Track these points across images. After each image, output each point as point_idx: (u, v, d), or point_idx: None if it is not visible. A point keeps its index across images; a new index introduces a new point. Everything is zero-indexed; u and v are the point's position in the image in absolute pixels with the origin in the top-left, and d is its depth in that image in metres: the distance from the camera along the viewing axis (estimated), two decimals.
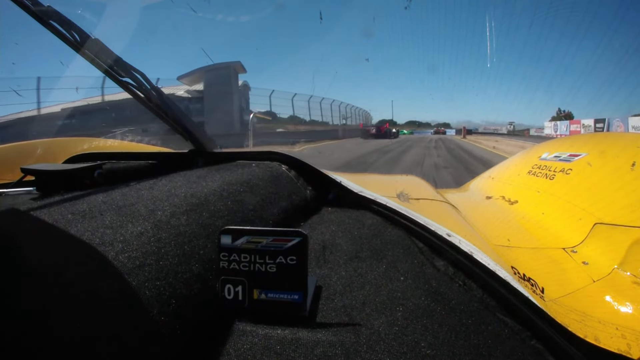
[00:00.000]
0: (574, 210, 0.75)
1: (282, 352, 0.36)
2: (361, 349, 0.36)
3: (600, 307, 0.53)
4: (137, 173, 0.92)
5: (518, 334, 0.42)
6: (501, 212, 0.92)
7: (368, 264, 0.53)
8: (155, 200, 0.53)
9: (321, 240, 0.60)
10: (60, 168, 0.80)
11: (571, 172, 0.88)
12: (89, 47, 0.74)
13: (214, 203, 0.58)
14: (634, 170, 0.75)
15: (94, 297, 0.32)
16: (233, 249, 0.42)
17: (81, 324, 0.30)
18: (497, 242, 0.76)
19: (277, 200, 0.70)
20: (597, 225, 0.68)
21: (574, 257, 0.65)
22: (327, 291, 0.47)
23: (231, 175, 0.74)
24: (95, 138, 1.35)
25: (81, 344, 0.29)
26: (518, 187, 1.01)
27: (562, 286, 0.60)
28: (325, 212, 0.75)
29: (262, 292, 0.41)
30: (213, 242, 0.47)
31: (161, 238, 0.43)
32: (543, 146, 1.15)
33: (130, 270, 0.37)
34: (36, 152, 1.14)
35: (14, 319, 0.29)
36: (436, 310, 0.43)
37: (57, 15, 0.70)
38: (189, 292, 0.40)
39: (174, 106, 0.94)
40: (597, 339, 0.46)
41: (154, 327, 0.34)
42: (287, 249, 0.41)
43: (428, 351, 0.37)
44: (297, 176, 0.85)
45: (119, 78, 0.80)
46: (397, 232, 0.63)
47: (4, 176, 0.92)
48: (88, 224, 0.43)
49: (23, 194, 0.76)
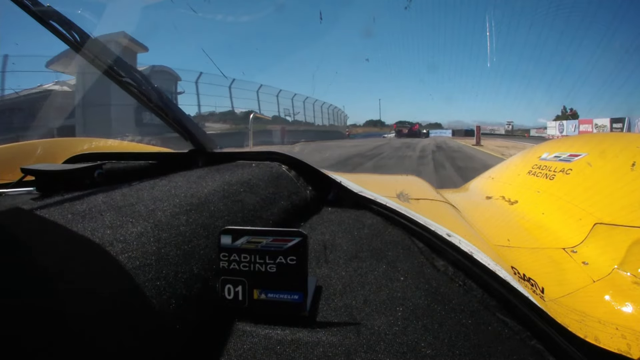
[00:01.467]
0: (574, 210, 0.75)
1: (282, 352, 0.36)
2: (361, 349, 0.36)
3: (600, 307, 0.53)
4: (137, 173, 0.92)
5: (518, 334, 0.42)
6: (501, 212, 0.92)
7: (368, 264, 0.53)
8: (155, 201, 0.53)
9: (321, 240, 0.60)
10: (60, 168, 0.80)
11: (571, 172, 0.88)
12: (89, 47, 0.74)
13: (214, 203, 0.58)
14: (634, 170, 0.75)
15: (94, 297, 0.32)
16: (233, 249, 0.42)
17: (81, 324, 0.30)
18: (497, 242, 0.76)
19: (277, 200, 0.70)
20: (597, 225, 0.68)
21: (574, 257, 0.65)
22: (327, 291, 0.47)
23: (231, 175, 0.74)
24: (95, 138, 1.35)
25: (81, 344, 0.29)
26: (518, 187, 1.01)
27: (562, 286, 0.60)
28: (325, 212, 0.75)
29: (262, 292, 0.41)
30: (213, 242, 0.47)
31: (161, 238, 0.43)
32: (543, 146, 1.15)
33: (130, 271, 0.37)
34: (36, 152, 1.14)
35: (14, 319, 0.29)
36: (436, 310, 0.43)
37: (57, 15, 0.70)
38: (189, 292, 0.40)
39: (174, 106, 0.94)
40: (597, 339, 0.46)
41: (154, 328, 0.34)
42: (287, 249, 0.41)
43: (428, 351, 0.37)
44: (297, 176, 0.85)
45: (119, 78, 0.80)
46: (397, 232, 0.63)
47: (4, 176, 0.92)
48: (88, 224, 0.43)
49: (23, 194, 0.76)
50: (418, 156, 11.96)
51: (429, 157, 11.38)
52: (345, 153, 12.91)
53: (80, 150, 1.12)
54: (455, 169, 8.34)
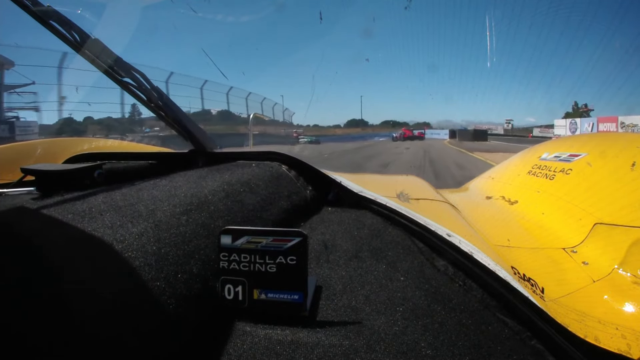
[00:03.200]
0: (574, 210, 0.75)
1: (282, 352, 0.36)
2: (361, 349, 0.36)
3: (600, 307, 0.53)
4: (137, 173, 0.92)
5: (518, 334, 0.42)
6: (501, 212, 0.92)
7: (368, 264, 0.53)
8: (156, 201, 0.53)
9: (321, 240, 0.60)
10: (60, 168, 0.80)
11: (571, 172, 0.88)
12: (89, 47, 0.74)
13: (214, 203, 0.58)
14: (634, 171, 0.75)
15: (94, 297, 0.32)
16: (233, 249, 0.42)
17: (81, 324, 0.30)
18: (497, 242, 0.76)
19: (277, 200, 0.70)
20: (597, 225, 0.68)
21: (574, 257, 0.65)
22: (327, 291, 0.47)
23: (231, 175, 0.74)
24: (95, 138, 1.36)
25: (81, 344, 0.29)
26: (518, 187, 1.01)
27: (562, 286, 0.60)
28: (325, 212, 0.75)
29: (262, 292, 0.41)
30: (213, 242, 0.47)
31: (161, 238, 0.43)
32: (543, 146, 1.15)
33: (130, 270, 0.37)
34: (36, 152, 1.14)
35: (14, 319, 0.29)
36: (436, 310, 0.43)
37: (57, 15, 0.70)
38: (189, 292, 0.40)
39: (174, 106, 0.94)
40: (597, 339, 0.46)
41: (154, 327, 0.34)
42: (287, 249, 0.41)
43: (428, 351, 0.37)
44: (297, 176, 0.85)
45: (119, 78, 0.80)
46: (397, 232, 0.63)
47: (4, 176, 0.92)
48: (88, 224, 0.43)
49: (23, 194, 0.76)
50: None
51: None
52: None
53: (80, 150, 1.12)
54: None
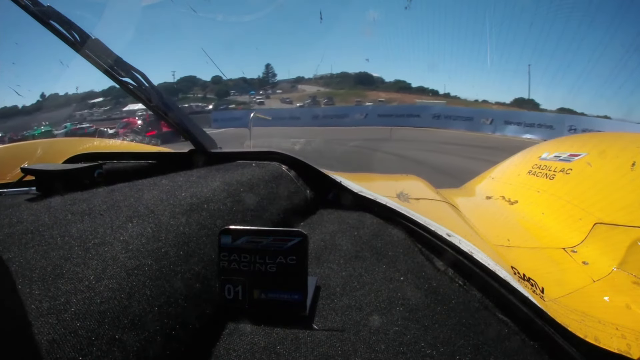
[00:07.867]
0: (574, 210, 0.75)
1: (282, 352, 0.36)
2: (361, 349, 0.36)
3: (600, 307, 0.53)
4: (137, 173, 0.92)
5: (518, 334, 0.42)
6: (501, 212, 0.92)
7: (368, 264, 0.53)
8: (155, 201, 0.53)
9: (321, 240, 0.60)
10: (60, 168, 0.80)
11: (571, 172, 0.88)
12: (89, 47, 0.74)
13: (214, 203, 0.58)
14: (633, 170, 0.75)
15: (94, 297, 0.32)
16: (233, 249, 0.42)
17: (81, 324, 0.30)
18: (497, 242, 0.76)
19: (277, 200, 0.70)
20: (597, 225, 0.68)
21: (574, 257, 0.65)
22: (327, 291, 0.47)
23: (231, 175, 0.74)
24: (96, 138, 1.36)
25: (81, 344, 0.29)
26: (518, 187, 1.01)
27: (562, 286, 0.60)
28: (325, 212, 0.75)
29: (262, 292, 0.41)
30: (213, 242, 0.47)
31: (161, 238, 0.43)
32: (543, 146, 1.15)
33: (130, 270, 0.37)
34: (36, 152, 1.14)
35: (14, 319, 0.29)
36: (436, 310, 0.43)
37: (57, 15, 0.70)
38: (189, 292, 0.40)
39: (174, 106, 0.94)
40: (597, 339, 0.46)
41: (154, 327, 0.34)
42: (287, 249, 0.41)
43: (428, 351, 0.37)
44: (297, 176, 0.85)
45: (119, 78, 0.80)
46: (397, 232, 0.63)
47: (4, 176, 0.92)
48: (88, 223, 0.43)
49: (23, 194, 0.76)
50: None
51: None
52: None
53: (80, 150, 1.12)
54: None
